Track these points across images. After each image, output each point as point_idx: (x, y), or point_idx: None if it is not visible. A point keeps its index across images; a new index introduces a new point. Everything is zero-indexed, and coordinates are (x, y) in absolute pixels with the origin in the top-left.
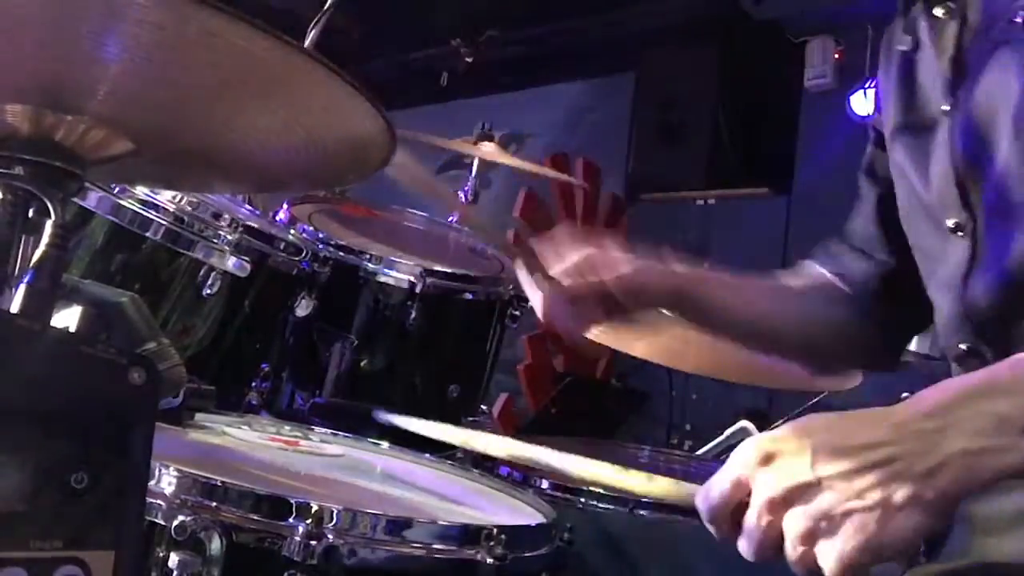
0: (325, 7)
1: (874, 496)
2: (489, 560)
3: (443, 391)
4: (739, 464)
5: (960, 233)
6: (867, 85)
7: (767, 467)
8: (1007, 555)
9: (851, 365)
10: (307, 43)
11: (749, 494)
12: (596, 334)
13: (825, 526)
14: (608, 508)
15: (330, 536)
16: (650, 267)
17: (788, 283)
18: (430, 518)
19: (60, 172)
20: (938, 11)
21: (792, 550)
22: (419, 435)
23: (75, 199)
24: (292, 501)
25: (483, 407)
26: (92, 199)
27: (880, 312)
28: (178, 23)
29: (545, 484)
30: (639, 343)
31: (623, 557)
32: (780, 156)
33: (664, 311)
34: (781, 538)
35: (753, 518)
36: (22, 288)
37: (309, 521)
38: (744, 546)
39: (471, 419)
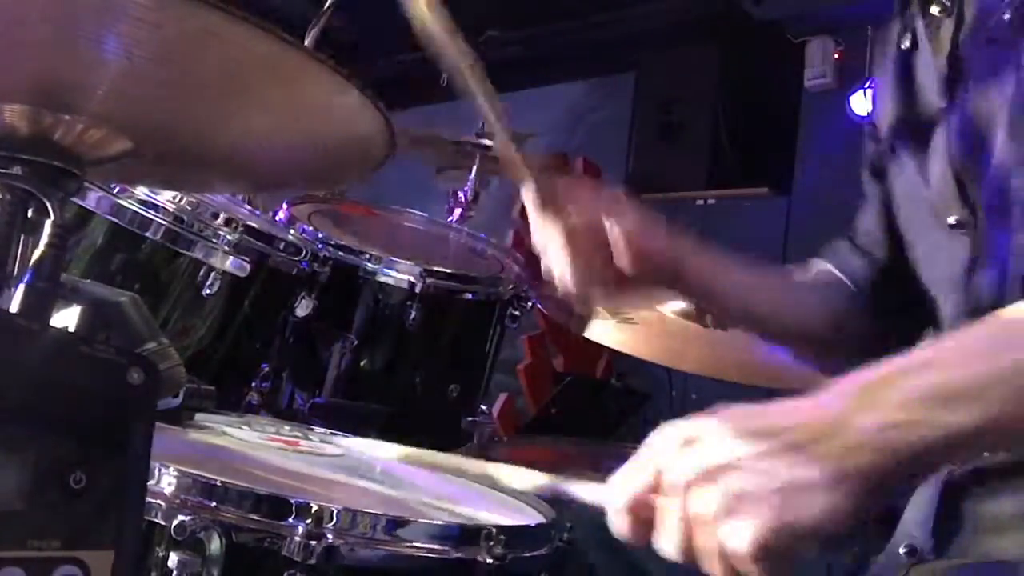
0: (325, 7)
1: (787, 476)
2: (489, 560)
3: (443, 391)
4: (656, 450)
5: (961, 230)
6: (867, 85)
7: (685, 451)
8: (1011, 554)
9: (850, 356)
10: (307, 43)
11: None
12: (596, 333)
13: (736, 506)
14: None
15: (330, 536)
16: (656, 233)
17: (794, 275)
18: (430, 518)
19: (59, 172)
20: (934, 8)
21: (704, 536)
22: (419, 435)
23: (75, 199)
24: (292, 501)
25: (483, 407)
26: (92, 199)
27: (879, 308)
28: (177, 22)
29: None
30: (639, 342)
31: (622, 557)
32: (780, 156)
33: (661, 289)
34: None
35: (673, 505)
36: (21, 288)
37: (309, 521)
38: (665, 542)
39: (471, 419)
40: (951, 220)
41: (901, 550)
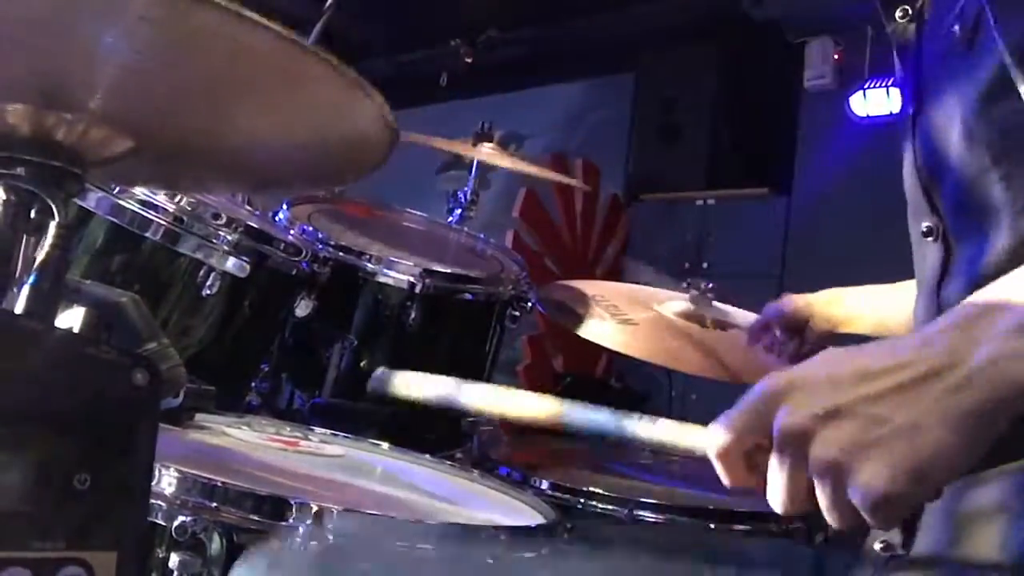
0: (325, 7)
1: (902, 418)
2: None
3: None
4: (757, 397)
5: (931, 237)
6: (867, 85)
7: (787, 398)
8: (982, 552)
9: None
10: (309, 42)
11: (768, 434)
12: (596, 334)
13: (852, 457)
14: (607, 509)
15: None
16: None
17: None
18: (430, 518)
19: (62, 172)
20: (898, 14)
21: (821, 490)
22: (419, 435)
23: (75, 199)
24: (292, 501)
25: None
26: (92, 199)
27: None
28: (179, 20)
29: (545, 484)
30: (639, 343)
31: (621, 559)
32: (780, 156)
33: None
34: (809, 480)
35: (776, 455)
36: (25, 289)
37: (309, 521)
38: (771, 492)
39: (471, 419)
40: (923, 227)
41: (877, 546)
